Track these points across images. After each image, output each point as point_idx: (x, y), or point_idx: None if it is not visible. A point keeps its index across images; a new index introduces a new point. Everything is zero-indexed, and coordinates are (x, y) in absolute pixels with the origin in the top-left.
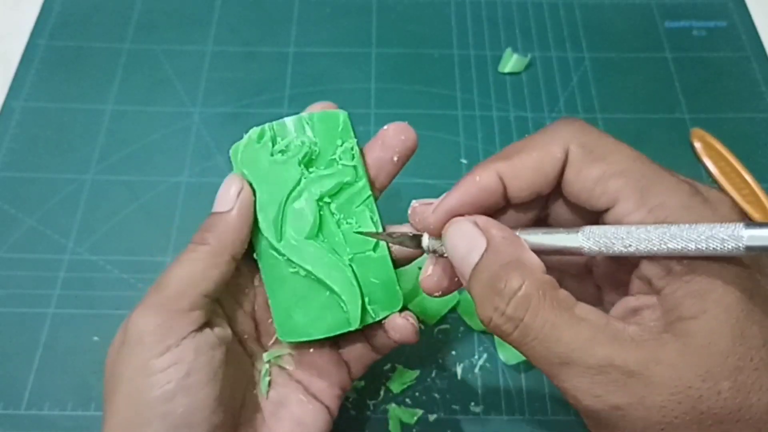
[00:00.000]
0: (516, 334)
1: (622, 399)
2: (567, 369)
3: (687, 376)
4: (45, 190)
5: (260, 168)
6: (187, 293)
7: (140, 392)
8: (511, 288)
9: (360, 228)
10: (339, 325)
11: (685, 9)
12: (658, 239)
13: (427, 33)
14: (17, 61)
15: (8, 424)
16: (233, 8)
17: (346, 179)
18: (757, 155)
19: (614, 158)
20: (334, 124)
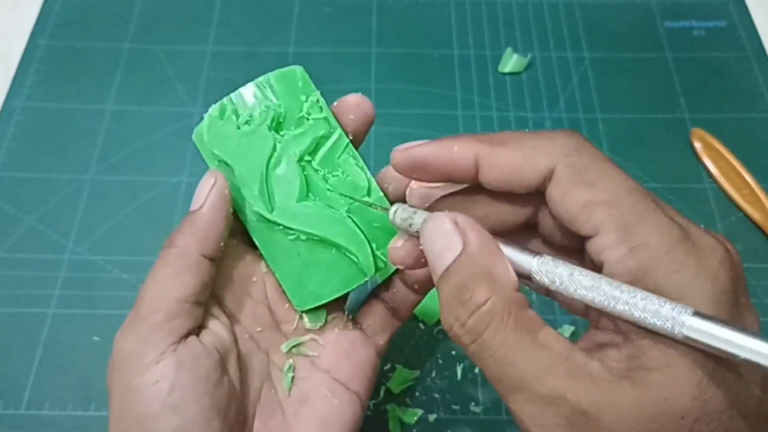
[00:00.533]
0: (473, 348)
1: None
2: (518, 393)
3: (637, 428)
4: (45, 190)
5: (230, 144)
6: (159, 303)
7: (126, 414)
8: (476, 301)
9: (348, 178)
10: (353, 278)
11: (685, 9)
12: (605, 298)
13: (427, 33)
14: (17, 61)
15: (8, 424)
16: (233, 8)
17: (320, 133)
18: (757, 155)
19: (604, 185)
20: (293, 81)
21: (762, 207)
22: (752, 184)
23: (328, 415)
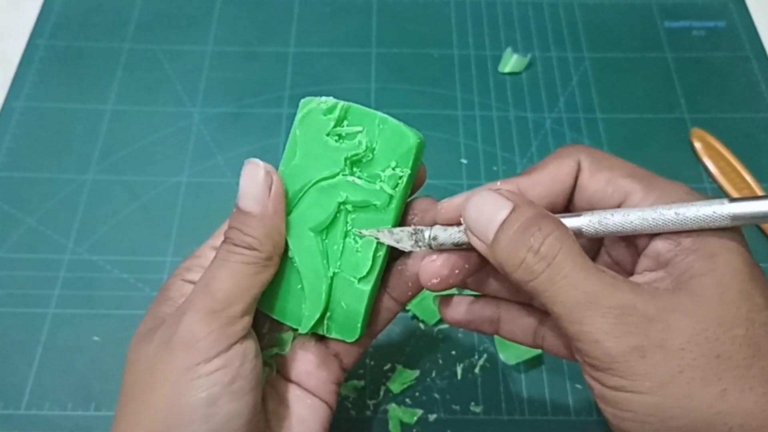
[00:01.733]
0: (546, 274)
1: (643, 341)
2: (591, 310)
3: (703, 321)
4: (45, 190)
5: (311, 138)
6: (239, 299)
7: (184, 394)
8: (545, 230)
9: (357, 254)
10: (293, 319)
11: (684, 9)
12: (657, 221)
13: (427, 33)
14: (17, 61)
15: (8, 424)
16: (233, 8)
17: (375, 201)
18: (757, 155)
19: (620, 166)
20: (401, 143)
21: None
22: (752, 184)
23: (303, 413)
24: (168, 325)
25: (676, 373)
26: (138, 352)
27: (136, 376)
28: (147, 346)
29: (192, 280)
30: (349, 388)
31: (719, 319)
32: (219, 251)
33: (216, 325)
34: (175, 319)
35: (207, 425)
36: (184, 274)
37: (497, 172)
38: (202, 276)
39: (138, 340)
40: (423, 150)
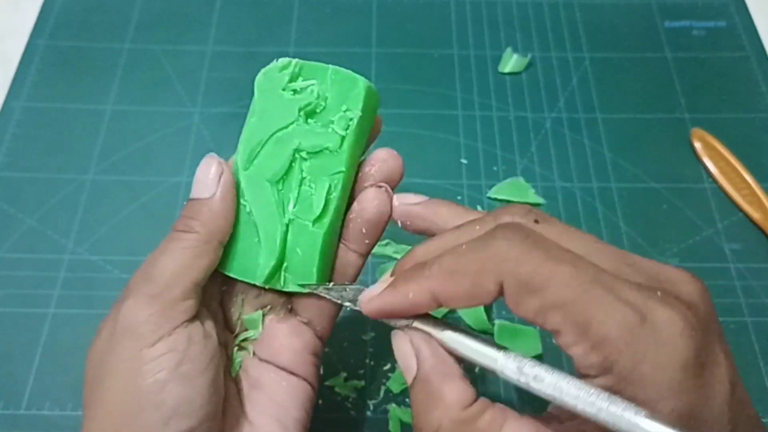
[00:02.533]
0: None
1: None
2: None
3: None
4: (45, 190)
5: (268, 96)
6: (178, 282)
7: (132, 381)
8: (429, 429)
9: (311, 196)
10: (248, 273)
11: (685, 9)
12: (569, 398)
13: (427, 33)
14: (17, 61)
15: (8, 424)
16: (233, 8)
17: (327, 144)
18: (757, 155)
19: (552, 289)
20: (350, 88)
21: (762, 207)
22: (752, 184)
23: (280, 397)
24: (111, 314)
25: None
26: (91, 348)
27: (92, 371)
28: (97, 341)
29: None
30: (349, 388)
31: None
32: (162, 241)
33: (156, 308)
34: (116, 308)
35: (158, 412)
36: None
37: (497, 172)
38: (143, 264)
39: (96, 339)
40: (376, 98)
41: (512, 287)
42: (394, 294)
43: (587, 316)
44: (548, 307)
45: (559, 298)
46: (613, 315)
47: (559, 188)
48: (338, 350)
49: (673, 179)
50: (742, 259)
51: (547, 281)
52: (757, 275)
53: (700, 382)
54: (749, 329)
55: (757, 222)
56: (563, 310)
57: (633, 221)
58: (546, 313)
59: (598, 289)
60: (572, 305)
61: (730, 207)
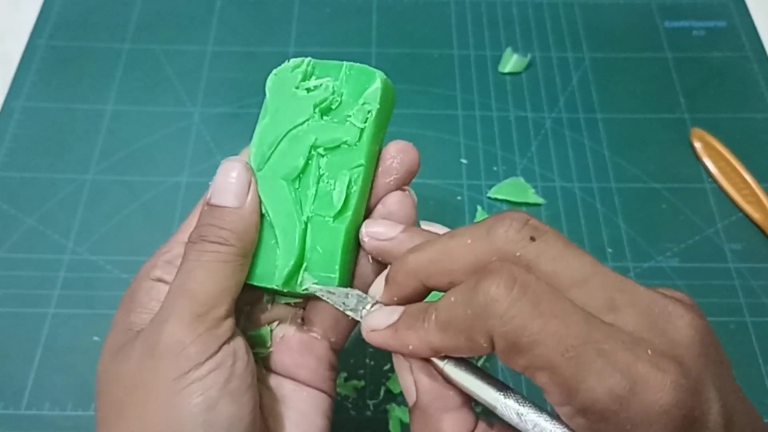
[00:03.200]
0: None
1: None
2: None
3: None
4: (45, 190)
5: (281, 96)
6: (222, 300)
7: (179, 403)
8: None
9: (331, 190)
10: (266, 278)
11: (685, 9)
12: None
13: (427, 33)
14: (17, 61)
15: (8, 424)
16: (233, 8)
17: (346, 138)
18: (757, 155)
19: (539, 351)
20: (367, 83)
21: (762, 207)
22: (752, 184)
23: (301, 408)
24: (148, 335)
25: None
26: (116, 370)
27: (121, 392)
28: (126, 363)
29: (161, 278)
30: (349, 388)
31: None
32: (189, 252)
33: (203, 329)
34: (155, 329)
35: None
36: (150, 272)
37: (497, 172)
38: (176, 278)
39: (112, 356)
40: (393, 93)
41: (501, 346)
42: (396, 339)
43: (575, 382)
44: (536, 366)
45: (546, 362)
46: (602, 383)
47: (559, 188)
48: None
49: (673, 179)
50: (742, 259)
51: (534, 343)
52: (757, 275)
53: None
54: (749, 329)
55: (757, 222)
56: (550, 372)
57: (633, 221)
58: (534, 372)
59: (588, 354)
60: (559, 369)
61: (730, 207)
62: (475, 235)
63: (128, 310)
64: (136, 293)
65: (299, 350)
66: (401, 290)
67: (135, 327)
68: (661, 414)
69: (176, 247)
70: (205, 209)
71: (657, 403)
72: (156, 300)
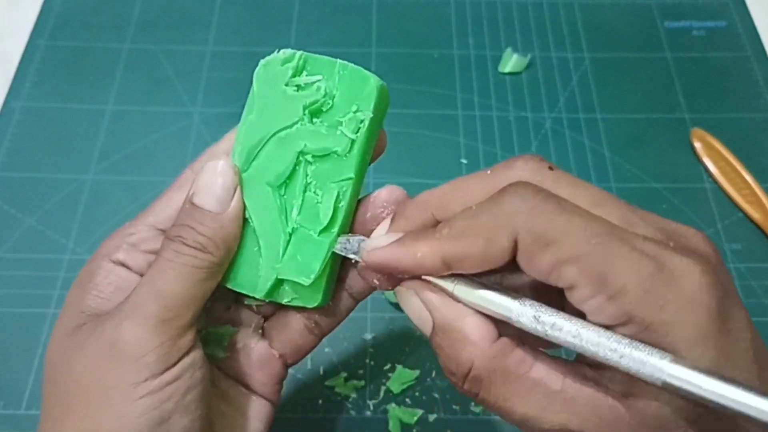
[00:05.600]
0: (477, 401)
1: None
2: (527, 426)
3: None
4: (45, 190)
5: (269, 90)
6: (190, 308)
7: (133, 412)
8: (461, 371)
9: (317, 204)
10: (247, 285)
11: (685, 9)
12: (590, 345)
13: (427, 33)
14: (17, 61)
15: (8, 424)
16: (233, 8)
17: (336, 148)
18: (757, 155)
19: (567, 242)
20: (361, 87)
21: (762, 207)
22: (752, 184)
23: (247, 412)
24: (106, 329)
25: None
26: (68, 359)
27: (71, 386)
28: (79, 353)
29: (122, 261)
30: (349, 388)
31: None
32: (165, 249)
33: (166, 336)
34: (114, 324)
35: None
36: (111, 252)
37: None
38: (147, 275)
39: (64, 341)
40: (387, 98)
41: (526, 241)
42: (402, 250)
43: (604, 268)
44: (563, 260)
45: (574, 251)
46: (631, 265)
47: None
48: (338, 350)
49: (673, 179)
50: (742, 259)
51: (562, 234)
52: (757, 275)
53: (725, 327)
54: None
55: (757, 222)
56: (579, 262)
57: None
58: (561, 267)
59: (614, 241)
60: (588, 257)
61: (730, 207)
62: (494, 169)
63: (84, 290)
64: (94, 273)
65: (257, 364)
66: (409, 224)
67: (89, 311)
68: (695, 295)
69: (143, 230)
70: (186, 206)
71: (689, 285)
72: (115, 286)
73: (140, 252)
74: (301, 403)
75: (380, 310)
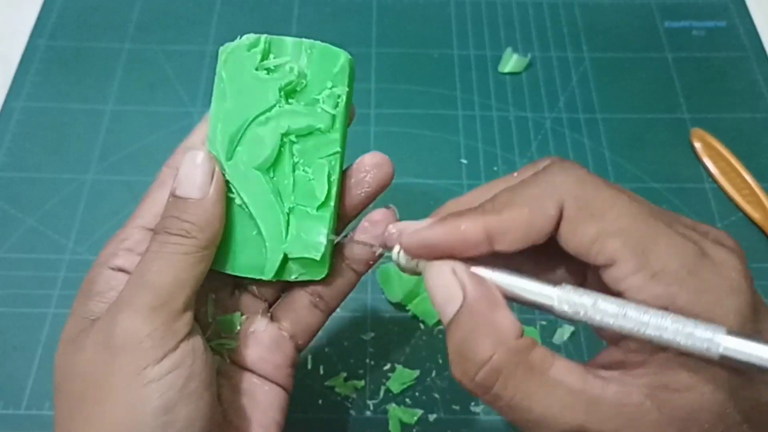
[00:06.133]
0: (487, 399)
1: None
2: (540, 429)
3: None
4: (45, 190)
5: (239, 76)
6: (180, 293)
7: (137, 402)
8: (481, 358)
9: (310, 181)
10: (254, 268)
11: (685, 9)
12: (634, 324)
13: (427, 33)
14: (17, 61)
15: (8, 424)
16: (233, 8)
17: (319, 125)
18: (757, 155)
19: (612, 215)
20: (332, 63)
21: (762, 207)
22: (752, 184)
23: (262, 402)
24: (102, 325)
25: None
26: (72, 361)
27: (77, 385)
28: (81, 353)
29: (120, 266)
30: (349, 388)
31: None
32: (152, 242)
33: (159, 322)
34: (109, 319)
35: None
36: (109, 260)
37: (497, 172)
38: (136, 268)
39: (68, 346)
40: (354, 69)
41: (572, 209)
42: (444, 226)
43: (647, 245)
44: (608, 232)
45: (620, 224)
46: (675, 246)
47: None
48: (338, 350)
49: (673, 179)
50: None
51: (608, 206)
52: (757, 275)
53: (757, 317)
54: None
55: (757, 222)
56: (623, 236)
57: None
58: (605, 239)
59: (659, 222)
60: (633, 232)
61: (730, 207)
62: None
63: (85, 298)
64: (94, 281)
65: (269, 346)
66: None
67: (91, 316)
68: (735, 283)
69: (135, 233)
70: (169, 200)
71: (729, 273)
72: (115, 290)
73: (136, 255)
74: (301, 403)
75: (380, 310)
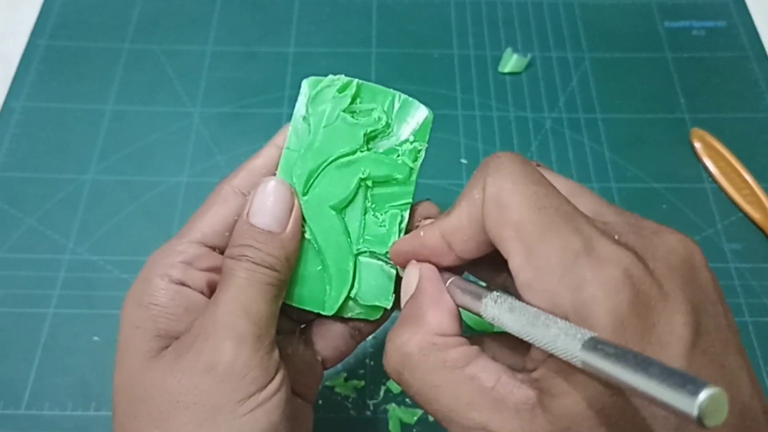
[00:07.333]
0: (402, 386)
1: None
2: (448, 424)
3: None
4: (45, 190)
5: (325, 114)
6: (273, 323)
7: (244, 427)
8: (397, 342)
9: (381, 229)
10: (315, 302)
11: (685, 9)
12: (520, 327)
13: (427, 33)
14: (17, 61)
15: (8, 424)
16: (233, 8)
17: (397, 175)
18: (757, 155)
19: (516, 205)
20: (416, 118)
21: (762, 207)
22: (752, 184)
23: (299, 416)
24: (202, 350)
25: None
26: (160, 379)
27: (167, 405)
28: (176, 375)
29: (180, 280)
30: (349, 388)
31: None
32: (236, 268)
33: (263, 352)
34: (212, 344)
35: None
36: (168, 271)
37: None
38: (226, 292)
39: (147, 362)
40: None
41: (489, 201)
42: (409, 235)
43: (537, 238)
44: (505, 223)
45: (518, 216)
46: (559, 240)
47: None
48: None
49: (673, 179)
50: (742, 259)
51: (516, 198)
52: (757, 275)
53: (644, 325)
54: (749, 329)
55: (757, 222)
56: (517, 228)
57: None
58: (502, 230)
59: (558, 215)
60: (527, 225)
61: (730, 207)
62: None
63: (150, 311)
64: (154, 294)
65: (303, 369)
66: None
67: (165, 333)
68: (615, 281)
69: (192, 248)
70: (244, 226)
71: (609, 272)
72: (184, 307)
73: (196, 270)
74: None
75: None
